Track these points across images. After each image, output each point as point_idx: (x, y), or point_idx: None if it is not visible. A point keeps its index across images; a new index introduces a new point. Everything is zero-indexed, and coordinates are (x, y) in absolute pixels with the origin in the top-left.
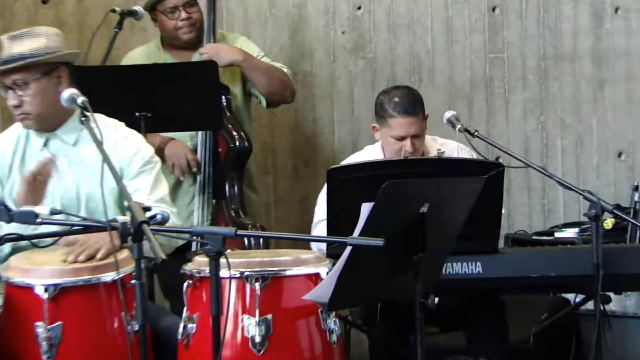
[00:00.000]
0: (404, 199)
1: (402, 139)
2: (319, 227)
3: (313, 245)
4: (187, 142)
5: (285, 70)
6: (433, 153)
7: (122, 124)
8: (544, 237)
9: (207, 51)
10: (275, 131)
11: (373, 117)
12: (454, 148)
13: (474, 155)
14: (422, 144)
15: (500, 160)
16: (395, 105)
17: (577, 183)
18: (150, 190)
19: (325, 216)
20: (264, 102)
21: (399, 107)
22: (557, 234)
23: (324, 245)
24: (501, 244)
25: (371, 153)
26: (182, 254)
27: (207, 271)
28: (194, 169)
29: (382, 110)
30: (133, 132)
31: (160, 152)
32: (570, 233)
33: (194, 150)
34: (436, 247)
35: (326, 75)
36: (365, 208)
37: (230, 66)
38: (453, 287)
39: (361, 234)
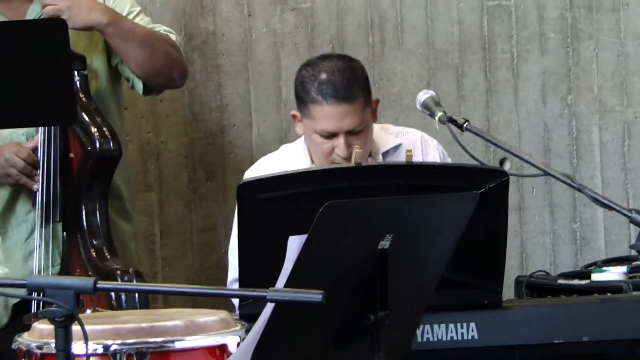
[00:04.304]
0: (354, 228)
1: (331, 136)
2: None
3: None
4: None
5: (172, 37)
6: (387, 146)
7: None
8: (575, 282)
9: (53, 2)
10: (161, 125)
11: None
12: (416, 138)
13: (450, 158)
14: (367, 143)
15: (506, 166)
16: (320, 86)
17: (625, 197)
18: None
19: None
20: (139, 87)
21: (326, 88)
22: (595, 276)
23: None
24: (508, 293)
25: (290, 156)
26: (16, 318)
27: (53, 345)
28: (37, 167)
29: (303, 92)
30: None
31: None
32: (615, 274)
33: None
34: (405, 302)
35: (238, 38)
36: (295, 244)
37: (89, 30)
38: None
39: (288, 284)
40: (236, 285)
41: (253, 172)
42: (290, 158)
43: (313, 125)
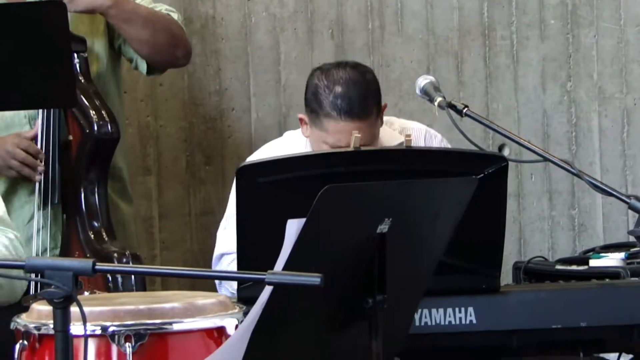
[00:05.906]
0: (352, 212)
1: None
2: (226, 261)
3: (222, 286)
4: (23, 128)
5: (174, 16)
6: (392, 143)
7: None
8: (573, 267)
9: None
10: (160, 109)
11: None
12: (420, 134)
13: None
14: None
15: (505, 151)
16: (335, 100)
17: (624, 184)
18: None
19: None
20: (142, 67)
21: (341, 104)
22: (593, 262)
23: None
24: (506, 278)
25: (292, 143)
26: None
27: (51, 326)
28: (41, 158)
29: (316, 102)
30: None
31: None
32: (613, 260)
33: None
34: (403, 286)
35: (237, 22)
36: (293, 227)
37: (91, 13)
38: (431, 345)
39: (287, 267)
40: (221, 261)
41: (255, 158)
42: (293, 145)
43: (323, 136)
